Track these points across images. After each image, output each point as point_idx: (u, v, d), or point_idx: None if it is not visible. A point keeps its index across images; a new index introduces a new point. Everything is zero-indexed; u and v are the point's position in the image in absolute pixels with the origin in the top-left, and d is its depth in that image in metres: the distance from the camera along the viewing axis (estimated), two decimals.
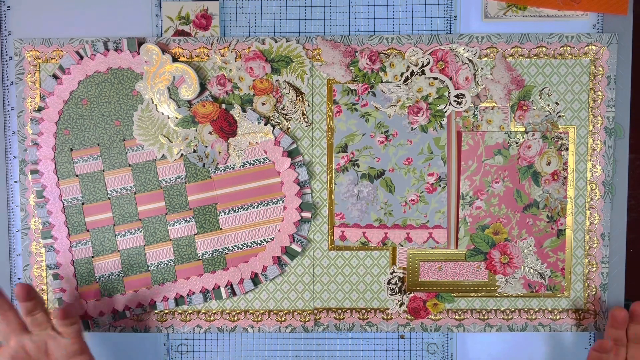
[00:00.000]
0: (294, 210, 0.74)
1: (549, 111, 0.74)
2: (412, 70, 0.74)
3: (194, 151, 0.74)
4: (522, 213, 0.75)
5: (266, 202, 0.75)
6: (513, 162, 0.74)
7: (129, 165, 0.74)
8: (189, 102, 0.74)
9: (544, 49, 0.73)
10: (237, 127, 0.74)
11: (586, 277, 0.76)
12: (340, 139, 0.75)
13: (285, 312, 0.77)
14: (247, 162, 0.74)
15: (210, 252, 0.75)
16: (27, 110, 0.74)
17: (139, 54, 0.73)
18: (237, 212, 0.75)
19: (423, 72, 0.74)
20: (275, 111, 0.74)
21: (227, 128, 0.73)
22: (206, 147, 0.74)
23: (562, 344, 0.77)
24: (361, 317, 0.77)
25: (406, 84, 0.74)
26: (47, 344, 0.66)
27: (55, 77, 0.74)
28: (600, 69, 0.73)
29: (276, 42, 0.73)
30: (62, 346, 0.66)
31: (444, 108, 0.74)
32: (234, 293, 0.76)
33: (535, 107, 0.74)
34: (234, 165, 0.74)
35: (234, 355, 0.78)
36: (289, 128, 0.75)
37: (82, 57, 0.73)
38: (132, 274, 0.75)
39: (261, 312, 0.77)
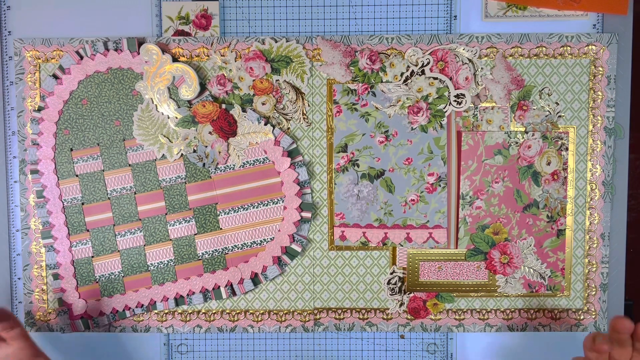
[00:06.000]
0: (294, 210, 0.74)
1: (549, 111, 0.74)
2: (412, 70, 0.74)
3: (194, 151, 0.74)
4: (522, 213, 0.75)
5: (266, 202, 0.75)
6: (513, 162, 0.74)
7: (129, 165, 0.74)
8: (189, 102, 0.73)
9: (544, 49, 0.73)
10: (237, 127, 0.73)
11: (586, 277, 0.76)
12: (340, 139, 0.75)
13: (285, 312, 0.77)
14: (247, 162, 0.74)
15: (210, 252, 0.75)
16: (27, 110, 0.74)
17: (139, 54, 0.73)
18: (237, 212, 0.75)
19: (423, 72, 0.74)
20: (275, 111, 0.74)
21: (227, 128, 0.73)
22: (206, 147, 0.74)
23: (562, 344, 0.77)
24: (361, 317, 0.77)
25: (406, 84, 0.74)
26: None
27: (55, 77, 0.74)
28: (600, 69, 0.73)
29: (276, 42, 0.73)
30: (9, 354, 0.60)
31: (444, 108, 0.74)
32: (234, 293, 0.76)
33: (535, 107, 0.74)
34: (234, 165, 0.74)
35: (234, 355, 0.78)
36: (289, 128, 0.75)
37: (82, 57, 0.73)
38: (132, 274, 0.75)
39: (261, 312, 0.77)
